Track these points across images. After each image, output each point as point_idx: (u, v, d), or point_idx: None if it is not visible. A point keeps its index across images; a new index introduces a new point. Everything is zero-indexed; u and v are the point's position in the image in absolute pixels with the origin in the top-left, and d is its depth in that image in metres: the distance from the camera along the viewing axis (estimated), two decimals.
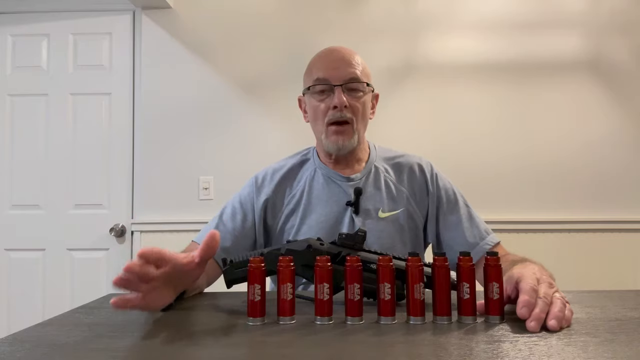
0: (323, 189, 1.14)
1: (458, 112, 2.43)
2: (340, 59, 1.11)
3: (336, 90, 1.08)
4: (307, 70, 1.16)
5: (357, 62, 1.11)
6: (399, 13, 2.47)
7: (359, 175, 1.15)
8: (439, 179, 1.18)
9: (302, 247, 0.81)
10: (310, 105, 1.14)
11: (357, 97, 1.10)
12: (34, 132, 2.48)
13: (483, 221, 1.15)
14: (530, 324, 0.62)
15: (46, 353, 0.57)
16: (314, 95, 1.11)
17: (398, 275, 0.71)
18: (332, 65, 1.10)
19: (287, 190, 1.16)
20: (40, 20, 2.52)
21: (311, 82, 1.11)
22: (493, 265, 0.68)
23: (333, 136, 1.10)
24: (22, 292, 2.42)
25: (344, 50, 1.13)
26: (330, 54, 1.13)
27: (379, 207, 1.12)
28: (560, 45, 2.45)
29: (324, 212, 1.11)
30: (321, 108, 1.10)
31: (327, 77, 1.09)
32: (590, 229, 2.36)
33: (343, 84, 1.08)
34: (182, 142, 2.45)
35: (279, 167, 1.20)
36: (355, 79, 1.09)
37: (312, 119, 1.15)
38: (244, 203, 1.16)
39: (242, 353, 0.58)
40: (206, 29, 2.49)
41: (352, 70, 1.09)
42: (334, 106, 1.07)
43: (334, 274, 0.70)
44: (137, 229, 2.40)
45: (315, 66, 1.13)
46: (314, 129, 1.16)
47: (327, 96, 1.10)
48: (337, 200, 1.12)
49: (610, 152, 2.41)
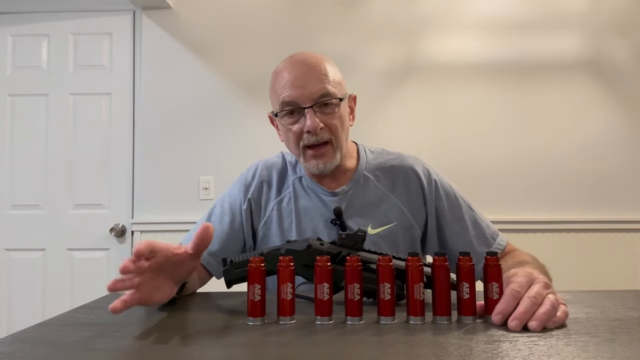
0: (309, 201, 1.07)
1: (458, 112, 2.43)
2: (305, 73, 0.97)
3: (307, 114, 0.96)
4: (271, 88, 1.02)
5: (324, 73, 0.97)
6: (399, 13, 2.47)
7: (345, 188, 1.06)
8: (438, 185, 1.08)
9: (302, 247, 0.81)
10: (282, 128, 1.03)
11: (332, 113, 0.98)
12: (34, 132, 2.48)
13: (489, 223, 1.10)
14: (511, 323, 0.62)
15: (46, 353, 0.57)
16: (283, 119, 1.00)
17: (398, 275, 0.71)
18: (297, 83, 0.96)
19: (274, 192, 1.10)
20: (40, 20, 2.52)
21: (278, 107, 0.99)
22: (493, 265, 0.68)
23: (312, 160, 1.00)
24: (22, 292, 2.42)
25: (307, 61, 0.98)
26: (293, 68, 0.98)
27: (368, 223, 1.03)
28: (560, 45, 2.45)
29: (310, 227, 1.04)
30: (294, 131, 0.99)
31: (293, 99, 0.96)
32: (590, 228, 2.36)
33: (313, 104, 0.96)
34: (182, 142, 2.45)
35: (270, 164, 1.13)
36: (325, 94, 0.96)
37: (286, 142, 1.04)
38: (232, 204, 1.11)
39: (242, 353, 0.58)
40: (206, 29, 2.49)
41: (321, 86, 0.96)
42: (307, 131, 0.96)
43: (334, 274, 0.70)
44: (137, 229, 2.40)
45: (279, 85, 0.99)
46: (291, 151, 1.06)
47: (297, 118, 0.98)
48: (321, 215, 1.05)
49: (609, 151, 2.41)
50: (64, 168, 2.46)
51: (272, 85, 1.03)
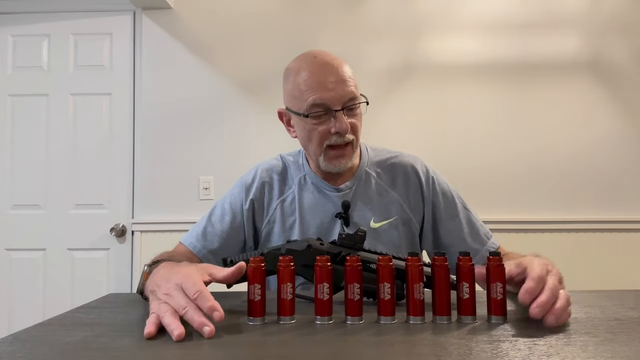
0: (313, 198, 1.10)
1: (458, 113, 2.43)
2: (336, 77, 0.99)
3: (338, 116, 0.98)
4: (295, 89, 1.02)
5: (350, 77, 1.01)
6: (398, 13, 2.47)
7: (349, 184, 1.10)
8: (436, 182, 1.12)
9: (302, 247, 0.81)
10: (302, 127, 1.04)
11: (357, 114, 1.03)
12: (34, 132, 2.48)
13: (482, 224, 1.12)
14: (534, 310, 0.62)
15: (46, 353, 0.57)
16: (309, 118, 1.01)
17: (398, 275, 0.71)
18: (328, 85, 0.98)
19: (276, 192, 1.12)
20: (40, 21, 2.52)
21: (306, 108, 1.00)
22: (496, 266, 0.68)
23: (334, 160, 1.03)
24: (23, 291, 2.42)
25: (333, 63, 1.01)
26: (323, 70, 1.00)
27: (370, 218, 1.07)
28: (560, 45, 2.45)
29: (314, 223, 1.07)
30: (319, 131, 1.01)
31: (325, 102, 0.98)
32: (590, 228, 2.36)
33: (343, 107, 0.99)
34: (182, 142, 2.45)
35: (269, 167, 1.15)
36: (354, 98, 1.01)
37: (305, 140, 1.05)
38: (233, 204, 1.12)
39: (242, 353, 0.58)
40: (206, 29, 2.49)
41: (349, 90, 0.99)
42: (337, 132, 0.99)
43: (334, 274, 0.70)
44: (138, 228, 2.40)
45: (307, 86, 0.99)
46: (307, 149, 1.08)
47: (325, 119, 1.00)
48: (326, 211, 1.08)
49: (609, 151, 2.41)
50: (64, 168, 2.46)
51: (293, 83, 1.03)
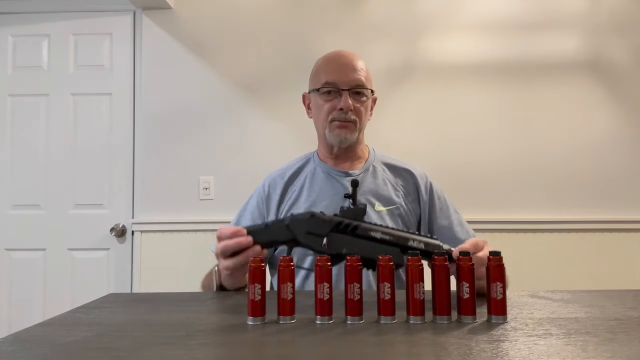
0: (323, 183, 1.21)
1: (457, 112, 2.42)
2: (348, 64, 1.18)
3: (343, 94, 1.16)
4: (315, 71, 1.23)
5: (362, 69, 1.19)
6: (398, 13, 2.47)
7: (357, 171, 1.22)
8: (433, 189, 1.25)
9: (305, 216, 0.86)
10: (315, 103, 1.21)
11: (362, 101, 1.18)
12: (34, 132, 2.48)
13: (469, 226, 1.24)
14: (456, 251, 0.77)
15: (47, 353, 0.57)
16: (321, 95, 1.19)
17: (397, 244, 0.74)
18: (340, 69, 1.17)
19: (289, 189, 1.23)
20: (40, 21, 2.52)
21: (319, 84, 1.19)
22: (495, 265, 0.68)
23: (337, 130, 1.18)
24: (23, 292, 2.42)
25: (350, 56, 1.20)
26: (339, 58, 1.20)
27: (375, 202, 1.18)
28: (559, 45, 2.45)
29: (323, 205, 1.16)
30: (326, 107, 1.18)
31: (335, 81, 1.16)
32: (589, 228, 2.36)
33: (350, 88, 1.16)
34: (182, 142, 2.45)
35: (282, 173, 1.26)
36: (361, 85, 1.17)
37: (316, 116, 1.22)
38: (253, 206, 1.24)
39: (242, 353, 0.58)
40: (206, 29, 2.49)
41: (358, 77, 1.17)
42: (340, 108, 1.15)
43: (335, 241, 0.71)
44: (138, 228, 2.40)
45: (323, 69, 1.20)
46: (317, 124, 1.24)
47: (333, 97, 1.17)
48: (336, 194, 1.18)
49: (609, 151, 2.41)
50: (64, 168, 2.46)
51: (316, 69, 1.23)
